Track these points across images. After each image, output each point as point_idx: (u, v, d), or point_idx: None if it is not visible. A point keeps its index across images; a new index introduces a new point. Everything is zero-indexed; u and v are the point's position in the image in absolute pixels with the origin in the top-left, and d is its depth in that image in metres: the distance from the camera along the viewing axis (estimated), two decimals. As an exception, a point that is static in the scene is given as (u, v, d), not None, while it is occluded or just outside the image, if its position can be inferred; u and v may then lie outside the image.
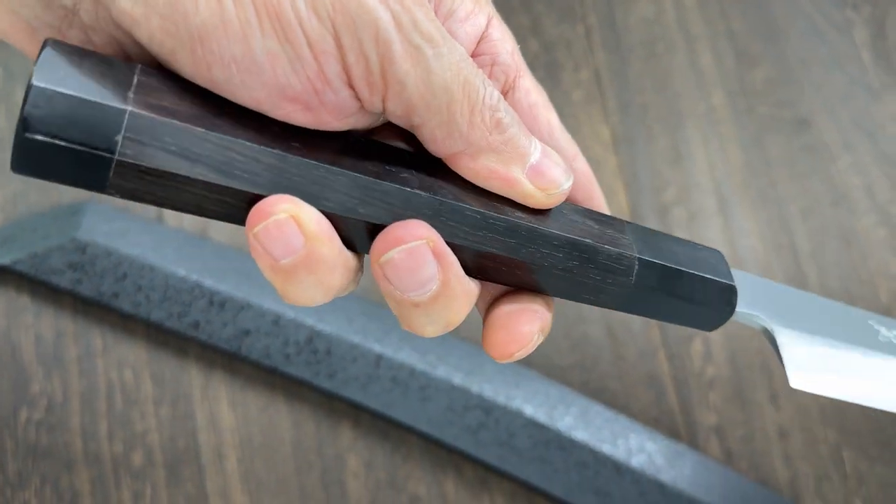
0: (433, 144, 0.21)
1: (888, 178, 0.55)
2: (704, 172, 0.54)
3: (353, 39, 0.19)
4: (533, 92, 0.24)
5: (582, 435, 0.47)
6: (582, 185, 0.25)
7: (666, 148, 0.54)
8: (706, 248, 0.24)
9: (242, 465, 0.47)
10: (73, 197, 0.49)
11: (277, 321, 0.46)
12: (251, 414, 0.47)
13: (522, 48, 0.24)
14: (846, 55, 0.57)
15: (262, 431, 0.47)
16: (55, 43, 0.18)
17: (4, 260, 0.46)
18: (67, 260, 0.45)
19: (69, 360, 0.47)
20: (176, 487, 0.46)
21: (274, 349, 0.46)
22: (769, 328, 0.22)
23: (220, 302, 0.45)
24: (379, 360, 0.46)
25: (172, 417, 0.47)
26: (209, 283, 0.45)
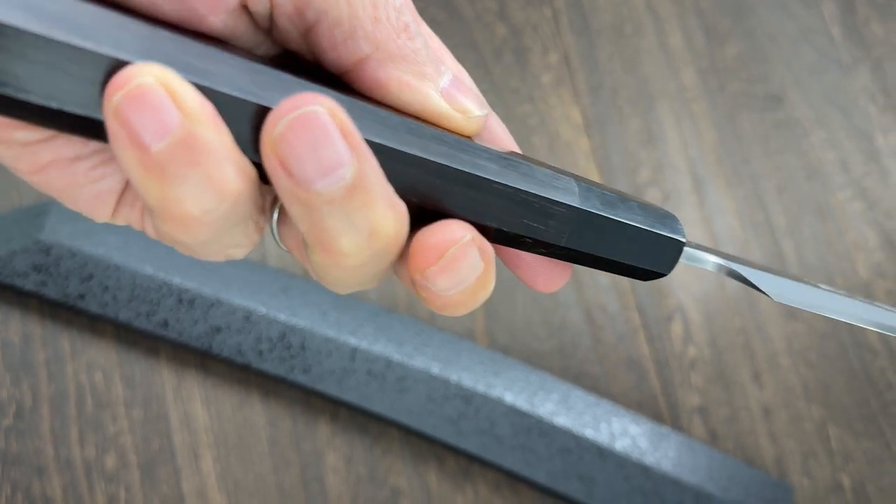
0: (333, 51, 0.18)
1: (862, 151, 0.54)
2: (678, 152, 0.54)
3: None
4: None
5: (564, 421, 0.46)
6: None
7: (638, 129, 0.54)
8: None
9: (219, 464, 0.46)
10: (35, 198, 0.48)
11: (249, 317, 0.45)
12: (226, 412, 0.46)
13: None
14: (815, 30, 0.56)
15: (237, 430, 0.46)
16: None
17: (-33, 265, 0.45)
18: (32, 262, 0.44)
19: (37, 364, 0.46)
20: (151, 489, 0.45)
21: (246, 346, 0.45)
22: (735, 269, 0.22)
23: (189, 299, 0.45)
24: (354, 352, 0.45)
25: (145, 419, 0.46)
26: (177, 280, 0.45)
